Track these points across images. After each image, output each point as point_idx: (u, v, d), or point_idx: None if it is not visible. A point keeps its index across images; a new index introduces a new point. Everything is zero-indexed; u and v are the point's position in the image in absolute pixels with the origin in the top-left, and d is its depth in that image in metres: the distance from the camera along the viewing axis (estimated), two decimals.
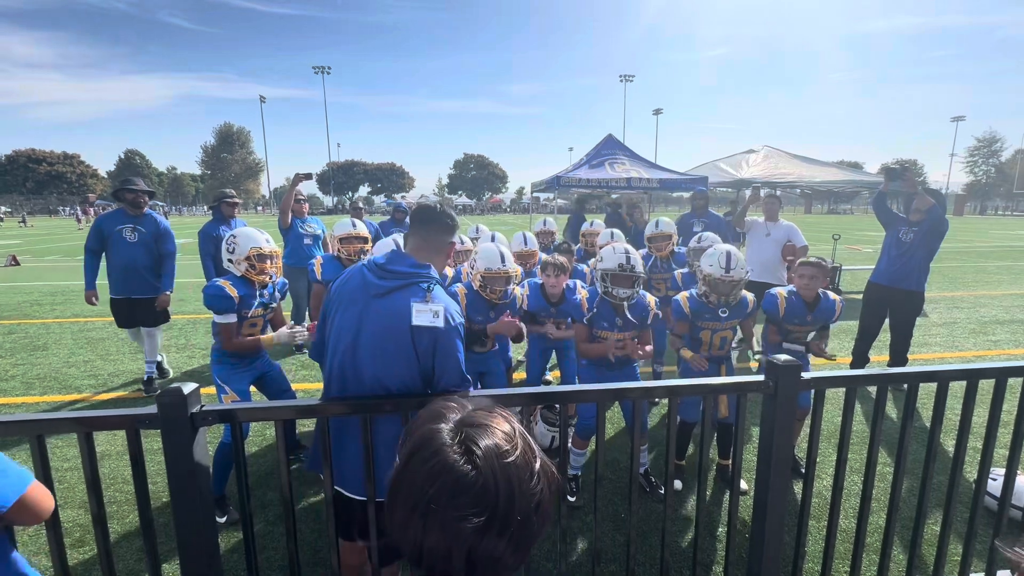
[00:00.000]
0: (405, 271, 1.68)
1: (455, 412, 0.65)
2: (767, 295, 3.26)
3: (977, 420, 3.36)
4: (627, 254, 2.84)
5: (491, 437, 0.61)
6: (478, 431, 0.61)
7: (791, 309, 3.16)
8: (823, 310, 3.16)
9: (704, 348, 3.12)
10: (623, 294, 2.79)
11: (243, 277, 2.77)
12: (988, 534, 2.32)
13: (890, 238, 4.56)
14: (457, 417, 0.64)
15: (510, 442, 0.62)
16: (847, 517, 2.77)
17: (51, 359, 5.52)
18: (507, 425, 0.64)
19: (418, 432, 0.63)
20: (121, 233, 4.34)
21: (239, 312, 2.72)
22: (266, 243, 2.82)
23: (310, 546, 2.56)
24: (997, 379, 1.83)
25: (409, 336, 1.62)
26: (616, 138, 11.00)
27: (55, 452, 3.46)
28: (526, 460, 0.61)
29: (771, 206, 5.47)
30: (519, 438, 0.63)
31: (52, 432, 1.41)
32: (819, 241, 17.57)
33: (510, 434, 0.63)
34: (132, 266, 4.38)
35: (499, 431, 0.62)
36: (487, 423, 0.63)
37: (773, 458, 1.65)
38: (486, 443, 0.60)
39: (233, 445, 1.51)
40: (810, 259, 3.23)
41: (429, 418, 0.65)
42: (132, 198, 4.34)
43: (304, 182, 5.04)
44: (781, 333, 3.25)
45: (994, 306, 8.08)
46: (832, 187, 10.89)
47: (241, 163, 75.75)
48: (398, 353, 1.63)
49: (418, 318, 1.61)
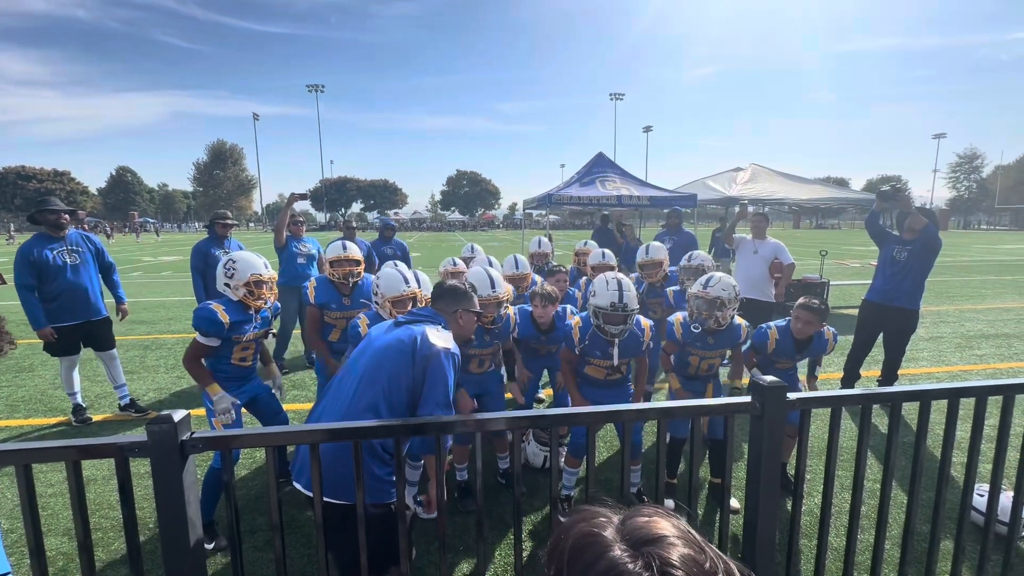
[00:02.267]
0: (423, 314, 2.09)
1: (606, 523, 0.54)
2: (759, 330, 3.26)
3: (963, 436, 3.40)
4: (620, 291, 2.74)
5: (673, 546, 0.49)
6: (656, 544, 0.50)
7: (780, 348, 3.17)
8: (814, 349, 3.19)
9: (692, 371, 3.15)
10: (615, 331, 2.75)
11: (239, 302, 2.75)
12: (976, 549, 2.34)
13: (884, 257, 4.59)
14: (614, 530, 0.53)
15: (694, 543, 0.51)
16: (838, 535, 2.78)
17: (36, 380, 5.44)
18: (672, 522, 0.54)
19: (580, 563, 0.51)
20: (59, 258, 4.02)
21: (231, 336, 2.71)
22: (265, 269, 2.80)
23: (299, 572, 2.52)
24: (978, 397, 1.87)
25: (411, 350, 1.90)
26: (607, 156, 11.18)
27: (39, 477, 3.40)
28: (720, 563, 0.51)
29: (759, 224, 5.57)
30: (699, 537, 0.53)
31: (40, 461, 1.40)
32: (807, 256, 17.82)
33: (686, 533, 0.52)
34: (81, 289, 4.14)
35: (671, 535, 0.51)
36: (654, 529, 0.52)
37: (762, 479, 1.67)
38: (679, 553, 0.48)
39: (224, 472, 1.50)
40: (811, 303, 3.15)
41: (581, 541, 0.52)
42: (54, 219, 4.02)
43: (299, 201, 5.08)
44: (764, 365, 3.26)
45: (979, 320, 8.21)
46: (818, 204, 11.11)
47: (234, 180, 75.60)
48: (393, 367, 1.90)
49: (432, 338, 1.94)
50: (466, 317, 2.18)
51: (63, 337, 4.13)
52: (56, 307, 4.07)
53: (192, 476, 1.42)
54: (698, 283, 3.07)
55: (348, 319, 3.21)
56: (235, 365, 2.81)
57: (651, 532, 0.51)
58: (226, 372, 2.78)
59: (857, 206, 11.61)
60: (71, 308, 4.13)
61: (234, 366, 2.81)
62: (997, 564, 2.25)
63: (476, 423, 1.59)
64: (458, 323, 2.15)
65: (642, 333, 2.87)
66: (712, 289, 2.95)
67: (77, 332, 4.20)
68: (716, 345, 3.06)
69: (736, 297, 3.01)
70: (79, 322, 4.19)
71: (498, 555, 2.69)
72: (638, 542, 0.50)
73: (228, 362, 2.78)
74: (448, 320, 2.12)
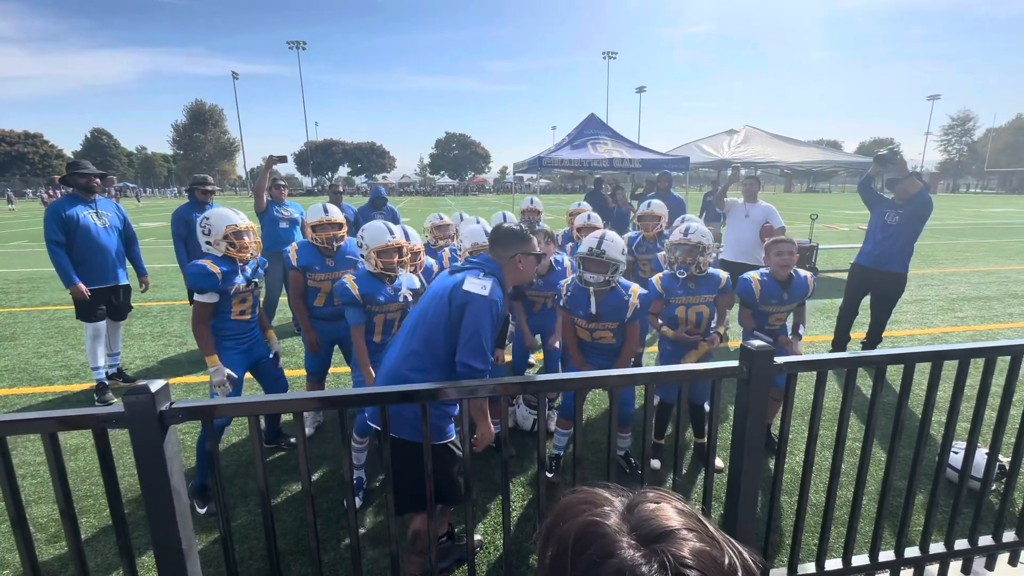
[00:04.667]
0: (475, 261, 2.11)
1: (610, 512, 0.50)
2: (740, 280, 3.28)
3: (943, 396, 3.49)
4: (600, 239, 2.80)
5: (685, 541, 0.45)
6: (668, 540, 0.46)
7: (766, 290, 3.20)
8: (797, 287, 3.20)
9: (681, 325, 3.15)
10: (592, 279, 2.76)
11: (225, 256, 2.79)
12: (949, 504, 2.44)
13: (875, 221, 4.58)
14: (619, 519, 0.49)
15: (709, 538, 0.47)
16: (818, 491, 2.87)
17: (20, 349, 5.36)
18: (680, 508, 0.50)
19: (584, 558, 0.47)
20: (88, 219, 4.06)
21: (225, 288, 2.74)
22: (240, 219, 2.83)
23: (292, 534, 2.57)
24: (961, 360, 1.89)
25: (448, 296, 1.97)
26: (599, 118, 10.92)
27: (27, 446, 3.39)
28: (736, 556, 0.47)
29: (750, 187, 5.51)
30: (709, 525, 0.49)
31: (15, 433, 1.37)
32: (798, 220, 17.84)
33: (695, 522, 0.48)
34: (108, 253, 4.16)
35: (682, 526, 0.47)
36: (664, 522, 0.47)
37: (746, 441, 1.69)
38: (691, 548, 0.45)
39: (207, 440, 1.48)
40: (782, 238, 3.29)
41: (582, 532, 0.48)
42: (85, 182, 4.07)
43: (280, 164, 4.90)
44: (758, 318, 3.28)
45: (962, 283, 8.34)
46: (811, 167, 11.03)
47: (215, 143, 73.18)
48: (434, 315, 1.98)
49: (467, 284, 1.97)
50: (525, 261, 2.14)
51: (94, 301, 4.12)
52: (84, 270, 4.05)
53: (174, 446, 1.40)
54: (677, 232, 3.22)
55: (333, 281, 3.19)
56: (237, 321, 2.87)
57: (661, 525, 0.47)
58: (231, 329, 2.85)
59: (848, 169, 11.56)
60: (98, 271, 4.13)
61: (236, 322, 2.86)
62: (968, 517, 2.34)
63: (465, 390, 1.57)
64: (517, 268, 2.13)
65: (628, 296, 2.81)
66: (693, 236, 3.12)
67: (102, 296, 4.17)
68: (698, 290, 3.13)
69: (712, 244, 3.20)
70: (106, 286, 4.18)
71: (488, 518, 2.75)
72: (648, 537, 0.46)
73: (229, 318, 2.84)
74: (506, 265, 2.11)
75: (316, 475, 3.11)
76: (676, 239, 3.19)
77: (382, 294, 2.78)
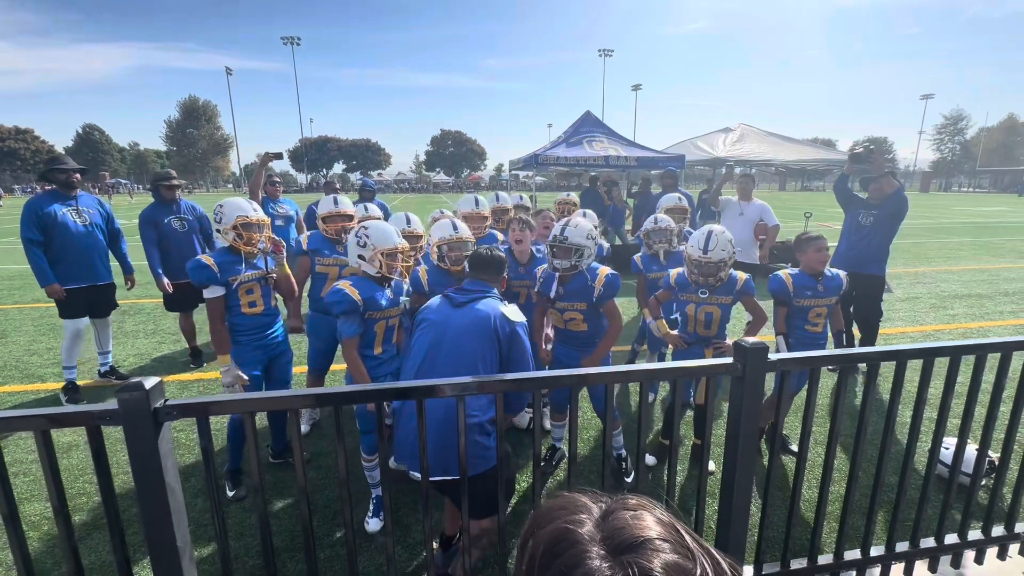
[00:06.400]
0: (478, 289, 2.23)
1: (585, 519, 0.48)
2: (772, 278, 3.13)
3: (934, 392, 3.53)
4: (564, 226, 2.83)
5: (656, 552, 0.44)
6: (639, 551, 0.44)
7: (799, 283, 3.06)
8: (830, 279, 3.10)
9: (690, 324, 3.10)
10: (559, 264, 2.81)
11: (230, 247, 2.78)
12: (939, 498, 2.47)
13: (850, 221, 4.51)
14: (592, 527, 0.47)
15: (683, 548, 0.45)
16: (810, 487, 2.89)
17: (11, 347, 5.31)
18: (658, 518, 0.48)
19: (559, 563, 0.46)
20: (67, 217, 3.93)
21: (227, 281, 2.72)
22: (253, 211, 2.81)
23: (288, 532, 2.56)
24: (952, 357, 1.91)
25: (493, 326, 2.07)
26: (594, 115, 10.92)
27: (19, 444, 3.36)
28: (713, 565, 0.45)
29: (745, 185, 5.53)
30: (686, 535, 0.47)
31: (8, 430, 1.36)
32: (792, 219, 17.94)
33: (673, 533, 0.46)
34: (89, 251, 4.05)
35: (658, 536, 0.45)
36: (637, 532, 0.46)
37: (740, 438, 1.70)
38: (662, 561, 0.43)
39: (201, 438, 1.48)
40: (815, 234, 3.17)
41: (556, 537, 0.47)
42: (65, 178, 3.93)
43: (275, 161, 4.87)
44: (799, 317, 3.12)
45: (954, 281, 8.42)
46: (805, 165, 11.08)
47: (208, 139, 72.51)
48: (475, 346, 2.05)
49: (510, 314, 2.13)
50: (504, 282, 2.48)
51: (68, 298, 4.00)
52: (62, 269, 3.94)
53: (168, 443, 1.39)
54: (695, 247, 2.94)
55: (340, 267, 3.22)
56: (248, 315, 2.83)
57: (634, 535, 0.45)
58: (245, 324, 2.83)
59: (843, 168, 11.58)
60: (77, 270, 4.01)
61: (248, 316, 2.83)
62: (958, 511, 2.37)
63: (458, 387, 1.57)
64: (501, 288, 2.42)
65: (592, 281, 2.79)
66: (713, 253, 2.89)
67: (82, 295, 4.06)
68: (713, 291, 3.01)
69: (733, 253, 2.97)
70: (84, 285, 4.07)
71: None
72: (619, 547, 0.44)
73: (240, 312, 2.81)
74: (496, 288, 2.33)
75: (312, 472, 3.11)
76: (694, 255, 2.92)
77: (383, 298, 2.58)
